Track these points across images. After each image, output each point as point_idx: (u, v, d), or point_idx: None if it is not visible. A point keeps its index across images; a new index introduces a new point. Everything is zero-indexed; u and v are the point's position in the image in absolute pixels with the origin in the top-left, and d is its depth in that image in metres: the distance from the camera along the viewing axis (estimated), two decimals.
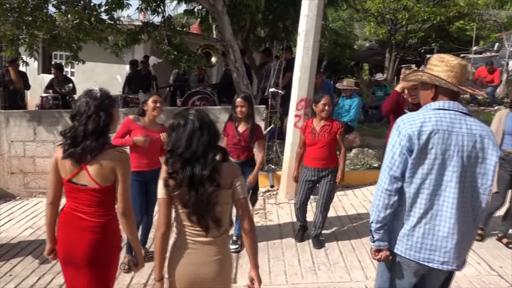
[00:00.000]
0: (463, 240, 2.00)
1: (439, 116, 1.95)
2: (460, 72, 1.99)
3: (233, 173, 2.01)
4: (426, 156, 1.94)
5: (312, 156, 4.16)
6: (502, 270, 3.73)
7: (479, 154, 1.95)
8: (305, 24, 5.23)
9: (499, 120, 4.08)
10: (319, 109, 4.09)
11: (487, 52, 16.32)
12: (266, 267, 3.84)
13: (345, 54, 19.71)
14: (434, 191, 1.96)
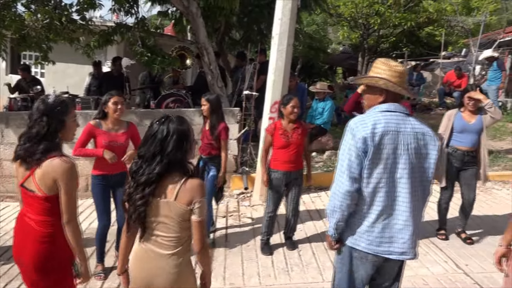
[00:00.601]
0: (416, 230, 2.17)
1: (387, 118, 2.11)
2: (404, 77, 2.19)
3: (195, 192, 1.95)
4: (380, 156, 2.08)
5: (284, 159, 4.04)
6: (468, 268, 3.86)
7: (422, 150, 2.14)
8: (279, 27, 5.28)
9: (448, 119, 4.33)
10: (288, 111, 4.01)
11: (455, 57, 16.87)
12: (239, 269, 3.86)
13: (319, 58, 19.98)
14: (389, 188, 2.11)
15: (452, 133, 4.28)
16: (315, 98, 7.40)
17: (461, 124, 4.24)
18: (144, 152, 1.97)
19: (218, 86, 6.93)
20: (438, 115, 10.69)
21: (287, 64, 5.39)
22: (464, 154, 4.26)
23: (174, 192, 1.93)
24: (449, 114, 4.39)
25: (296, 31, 13.92)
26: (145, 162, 1.95)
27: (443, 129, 4.33)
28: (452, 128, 4.27)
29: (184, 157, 1.98)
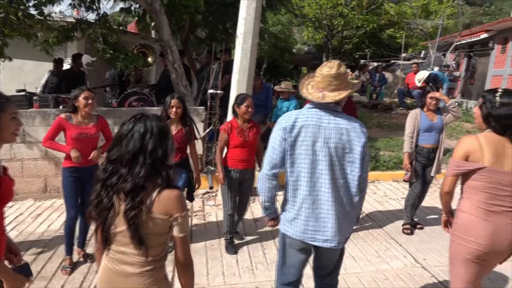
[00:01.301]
0: (341, 220, 2.33)
1: (311, 113, 2.31)
2: (326, 79, 2.28)
3: (174, 205, 1.69)
4: (300, 147, 2.28)
5: (240, 157, 4.03)
6: (425, 262, 4.01)
7: (346, 145, 2.27)
8: (243, 26, 5.28)
9: (414, 119, 4.52)
10: (242, 111, 4.00)
11: (414, 59, 17.41)
12: (204, 269, 3.83)
13: (285, 58, 20.14)
14: (311, 178, 2.29)
15: (419, 132, 4.49)
16: (280, 97, 7.45)
17: (427, 124, 4.47)
18: (118, 154, 1.68)
19: (183, 84, 6.85)
20: (399, 115, 11.04)
21: (251, 63, 5.41)
22: (429, 151, 4.51)
23: (149, 202, 1.65)
24: (414, 114, 4.56)
25: (261, 30, 14.00)
26: (124, 165, 1.67)
27: (411, 129, 4.51)
28: (419, 128, 4.48)
29: (165, 158, 1.73)
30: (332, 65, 2.29)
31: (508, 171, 2.32)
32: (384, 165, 7.05)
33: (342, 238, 2.37)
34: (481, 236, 2.35)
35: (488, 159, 2.32)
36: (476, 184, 2.37)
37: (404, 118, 10.64)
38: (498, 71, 14.53)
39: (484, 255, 2.37)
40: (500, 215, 2.34)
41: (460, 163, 2.39)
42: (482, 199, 2.36)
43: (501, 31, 14.44)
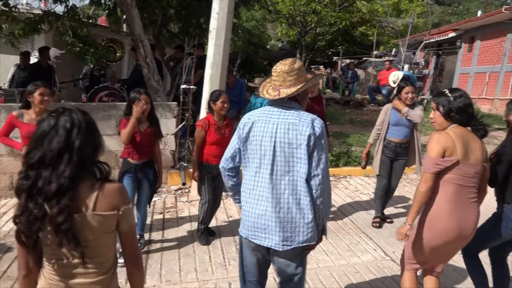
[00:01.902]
0: (283, 220, 2.21)
1: (265, 110, 2.31)
2: (280, 76, 2.25)
3: (118, 198, 1.58)
4: (251, 143, 2.28)
5: (216, 154, 3.98)
6: (395, 255, 4.10)
7: (293, 141, 2.18)
8: (216, 21, 5.25)
9: (385, 113, 4.62)
10: (218, 107, 4.00)
11: (386, 56, 17.75)
12: (176, 266, 3.80)
13: (259, 53, 20.18)
14: (257, 174, 2.26)
15: (389, 126, 4.56)
16: (253, 93, 7.45)
17: (396, 118, 4.53)
18: (40, 154, 1.49)
19: (155, 80, 6.75)
20: (370, 111, 11.24)
21: (224, 59, 5.38)
22: (396, 146, 4.58)
23: (91, 200, 1.51)
24: (386, 108, 4.66)
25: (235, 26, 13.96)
26: (46, 167, 1.48)
27: (380, 122, 4.62)
28: (389, 122, 4.55)
29: (95, 154, 1.61)
30: (286, 62, 2.27)
31: (474, 163, 2.46)
32: (355, 160, 7.16)
33: (282, 240, 2.22)
34: (447, 227, 2.47)
35: (459, 152, 2.42)
36: (449, 177, 2.46)
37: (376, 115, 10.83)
38: (465, 69, 15.00)
39: (448, 243, 2.52)
40: (466, 206, 2.48)
41: (439, 160, 2.42)
42: (450, 191, 2.46)
43: (468, 31, 14.90)
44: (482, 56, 14.00)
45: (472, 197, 2.51)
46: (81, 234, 1.50)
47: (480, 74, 13.89)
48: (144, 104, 3.72)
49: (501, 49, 12.78)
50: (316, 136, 2.16)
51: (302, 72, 2.28)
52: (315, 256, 3.94)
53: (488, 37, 13.71)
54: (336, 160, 7.05)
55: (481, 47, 14.14)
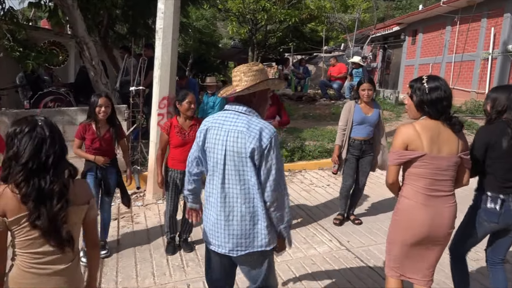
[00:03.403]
0: (235, 228, 2.19)
1: (220, 115, 2.27)
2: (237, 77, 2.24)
3: (87, 191, 1.87)
4: (206, 149, 2.27)
5: (180, 158, 3.80)
6: (349, 244, 4.22)
7: (241, 150, 2.11)
8: (162, 21, 5.17)
9: (348, 111, 4.50)
10: (184, 108, 3.87)
11: (335, 51, 18.17)
12: (132, 271, 3.72)
13: (211, 52, 20.06)
14: (210, 181, 2.27)
15: (352, 125, 4.47)
16: (206, 92, 7.42)
17: (360, 117, 4.44)
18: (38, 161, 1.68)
19: (103, 82, 6.57)
20: (322, 106, 11.47)
21: (173, 59, 5.31)
22: (361, 143, 4.50)
23: (72, 196, 1.75)
24: (348, 107, 4.52)
25: (185, 25, 13.83)
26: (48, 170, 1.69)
27: (344, 122, 4.48)
28: (353, 120, 4.46)
29: (66, 153, 1.81)
30: (247, 63, 2.29)
31: (446, 156, 2.39)
32: (309, 154, 7.29)
33: (235, 247, 2.21)
34: (421, 221, 2.42)
35: (427, 145, 2.36)
36: (418, 171, 2.42)
37: (328, 109, 11.13)
38: (410, 62, 15.63)
39: (423, 240, 2.46)
40: (439, 200, 2.43)
41: (401, 152, 2.41)
42: (423, 185, 2.42)
43: (411, 24, 15.53)
44: (425, 48, 14.64)
45: (447, 190, 2.45)
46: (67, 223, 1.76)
47: (423, 66, 14.53)
48: (104, 108, 3.72)
49: (442, 41, 13.42)
50: (263, 149, 2.08)
51: (260, 75, 2.20)
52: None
53: (429, 30, 14.35)
54: (290, 155, 7.16)
55: (424, 40, 14.78)
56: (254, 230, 2.20)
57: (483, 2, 11.30)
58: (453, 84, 11.95)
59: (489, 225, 2.76)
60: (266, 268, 2.33)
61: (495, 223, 2.73)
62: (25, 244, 1.72)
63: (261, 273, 2.34)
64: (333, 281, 3.54)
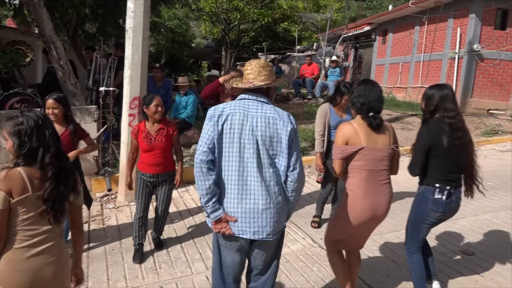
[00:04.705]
0: (271, 211, 2.26)
1: (239, 103, 2.31)
2: (254, 71, 2.35)
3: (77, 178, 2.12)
4: (227, 136, 2.23)
5: (149, 162, 3.86)
6: (322, 241, 4.22)
7: (274, 134, 2.24)
8: (132, 20, 5.09)
9: (324, 116, 4.41)
10: (151, 111, 3.82)
11: (308, 50, 18.33)
12: (104, 275, 3.65)
13: (184, 52, 19.91)
14: (239, 168, 2.23)
15: (329, 128, 4.40)
16: (178, 92, 7.35)
17: (336, 120, 4.38)
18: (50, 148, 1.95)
19: (71, 83, 6.41)
20: (295, 105, 11.55)
21: (144, 58, 5.23)
22: None
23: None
24: (323, 111, 4.42)
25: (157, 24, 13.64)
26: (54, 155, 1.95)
27: (322, 126, 4.38)
28: (329, 124, 4.39)
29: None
30: (259, 59, 2.44)
31: (381, 148, 2.71)
32: None
33: (273, 230, 2.29)
34: (361, 209, 2.72)
35: (364, 140, 2.68)
36: (358, 163, 2.71)
37: (301, 108, 11.21)
38: (381, 61, 15.94)
39: (364, 223, 2.79)
40: (379, 188, 2.74)
41: (343, 147, 2.71)
42: (363, 176, 2.71)
43: (381, 24, 15.83)
44: (395, 48, 14.95)
45: (384, 179, 2.77)
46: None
47: (394, 65, 14.83)
48: (51, 109, 3.60)
49: (411, 41, 13.74)
50: (294, 132, 2.29)
51: (273, 71, 2.40)
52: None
53: (399, 30, 14.66)
54: None
55: (393, 40, 15.09)
56: (284, 212, 2.35)
57: (450, 3, 11.64)
58: (422, 83, 12.25)
59: (435, 214, 2.97)
60: (280, 248, 2.52)
61: (440, 213, 2.96)
62: (22, 223, 1.90)
63: (278, 254, 2.50)
64: (306, 279, 3.57)
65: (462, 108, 11.23)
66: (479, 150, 8.22)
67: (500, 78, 11.47)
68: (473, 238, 4.33)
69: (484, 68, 11.32)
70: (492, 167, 7.05)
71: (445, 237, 4.34)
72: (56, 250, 2.01)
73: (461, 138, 2.83)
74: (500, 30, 11.32)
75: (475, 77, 11.38)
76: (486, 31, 11.18)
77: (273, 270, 2.49)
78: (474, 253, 4.01)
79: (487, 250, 4.06)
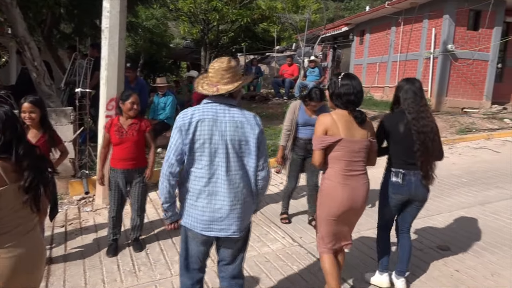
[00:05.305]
0: (238, 210, 2.39)
1: (207, 108, 2.37)
2: (218, 73, 2.35)
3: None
4: (198, 141, 2.31)
5: (120, 156, 3.92)
6: (302, 240, 4.30)
7: (242, 138, 2.35)
8: (108, 20, 5.03)
9: (293, 113, 4.57)
10: (126, 107, 3.88)
11: (287, 51, 18.42)
12: (81, 280, 3.59)
13: (162, 53, 19.71)
14: (209, 171, 2.33)
15: (297, 125, 4.55)
16: (156, 93, 7.29)
17: (304, 119, 4.52)
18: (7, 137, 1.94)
19: (46, 84, 6.28)
20: (275, 105, 11.60)
21: (120, 59, 5.17)
22: (305, 142, 4.54)
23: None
24: (294, 106, 4.57)
25: (134, 25, 13.50)
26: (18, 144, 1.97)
27: (289, 122, 4.54)
28: (297, 121, 4.54)
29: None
30: (223, 60, 2.40)
31: (359, 140, 2.79)
32: None
33: (238, 228, 2.42)
34: (340, 198, 2.79)
35: (343, 131, 2.75)
36: (337, 154, 2.79)
37: (280, 108, 11.26)
38: (359, 61, 16.14)
39: (344, 213, 2.84)
40: (355, 178, 2.83)
41: (322, 137, 2.78)
42: (342, 166, 2.80)
43: (359, 24, 16.03)
44: (372, 48, 15.16)
45: (361, 170, 2.85)
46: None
47: (371, 65, 15.04)
48: (27, 114, 3.47)
49: (387, 41, 13.95)
50: (262, 132, 2.41)
51: (238, 70, 2.42)
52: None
53: (376, 30, 14.86)
54: None
55: (371, 40, 15.30)
56: (251, 210, 2.50)
57: (425, 4, 11.87)
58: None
59: (396, 196, 3.17)
60: (247, 240, 2.62)
61: (400, 195, 3.15)
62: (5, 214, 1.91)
63: (244, 248, 2.60)
64: (286, 278, 3.59)
65: (437, 107, 11.48)
66: (454, 148, 8.42)
67: (474, 78, 11.76)
68: (449, 234, 4.43)
69: (458, 67, 11.58)
70: (466, 164, 7.23)
71: (422, 233, 4.43)
72: (36, 237, 2.09)
73: (420, 128, 2.99)
74: (473, 30, 11.60)
75: (449, 76, 11.64)
76: (460, 32, 11.45)
77: (240, 260, 2.61)
78: (449, 248, 4.10)
79: (462, 245, 4.17)
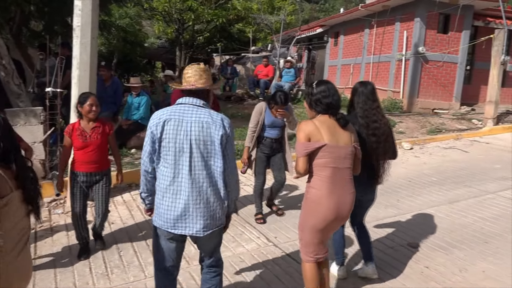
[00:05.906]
0: (203, 210, 2.45)
1: (176, 109, 2.46)
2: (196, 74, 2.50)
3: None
4: (165, 140, 2.41)
5: (83, 159, 3.86)
6: (277, 240, 4.33)
7: (207, 138, 2.41)
8: (79, 18, 4.93)
9: (259, 114, 4.63)
10: (85, 110, 3.82)
11: (262, 51, 18.48)
12: (52, 284, 3.51)
13: (136, 52, 19.46)
14: (174, 170, 2.41)
15: (264, 126, 4.65)
16: (130, 93, 7.20)
17: (269, 120, 4.62)
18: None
19: (15, 83, 6.11)
20: (250, 105, 11.61)
21: (93, 58, 5.08)
22: (272, 141, 4.69)
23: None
24: (259, 109, 4.64)
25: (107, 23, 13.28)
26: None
27: (255, 123, 4.62)
28: (263, 123, 4.63)
29: None
30: (200, 63, 2.56)
31: (343, 146, 2.74)
32: (238, 153, 7.35)
33: (203, 227, 2.46)
34: (327, 209, 2.72)
35: (326, 137, 2.69)
36: (322, 161, 2.71)
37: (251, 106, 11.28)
38: (333, 62, 16.35)
39: (330, 222, 2.78)
40: (342, 187, 2.76)
41: (306, 144, 2.69)
42: (327, 174, 2.71)
43: (333, 26, 16.24)
44: (346, 50, 15.38)
45: (347, 178, 2.79)
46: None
47: (345, 66, 15.25)
48: None
49: (361, 43, 14.18)
50: (227, 136, 2.44)
51: (211, 76, 2.59)
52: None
53: (350, 32, 15.09)
54: None
55: (345, 41, 15.52)
56: (217, 210, 2.50)
57: (397, 7, 12.13)
58: None
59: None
60: (220, 241, 2.70)
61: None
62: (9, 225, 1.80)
63: (217, 246, 2.69)
64: (261, 278, 3.60)
65: (409, 108, 11.75)
66: (425, 148, 8.64)
67: (443, 79, 12.09)
68: (419, 232, 4.55)
69: (429, 69, 11.88)
70: (436, 164, 7.43)
71: (393, 231, 4.53)
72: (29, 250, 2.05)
73: (370, 131, 3.14)
74: (442, 33, 11.93)
75: (420, 78, 11.93)
76: (430, 35, 11.75)
77: (218, 251, 2.72)
78: (419, 245, 4.21)
79: (432, 242, 4.28)
